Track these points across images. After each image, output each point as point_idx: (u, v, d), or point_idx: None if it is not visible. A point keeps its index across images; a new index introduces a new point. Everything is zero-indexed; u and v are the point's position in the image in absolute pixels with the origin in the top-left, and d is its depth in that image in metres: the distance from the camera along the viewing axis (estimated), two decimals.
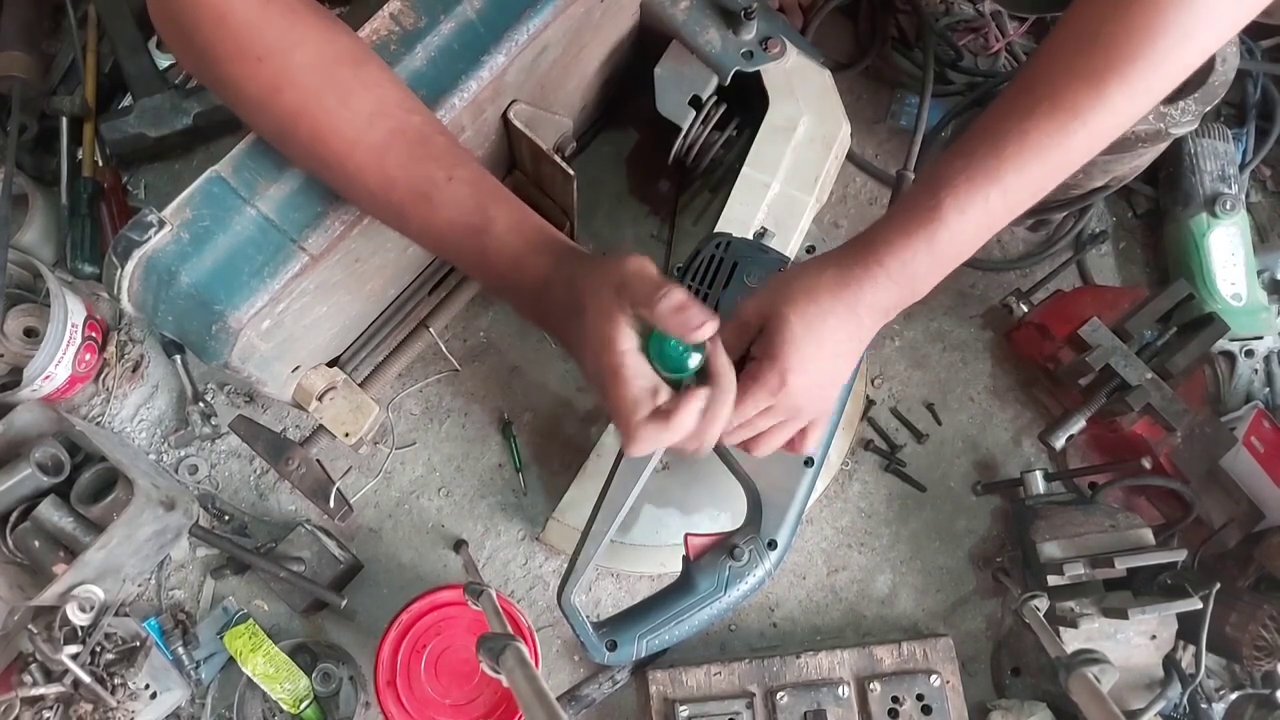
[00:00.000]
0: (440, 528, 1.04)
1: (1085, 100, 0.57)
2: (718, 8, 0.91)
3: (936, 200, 0.58)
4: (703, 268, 0.78)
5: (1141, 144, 0.94)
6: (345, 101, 0.64)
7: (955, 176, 0.58)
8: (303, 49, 0.64)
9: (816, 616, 1.04)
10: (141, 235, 0.69)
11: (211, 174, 0.71)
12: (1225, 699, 1.00)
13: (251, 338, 0.73)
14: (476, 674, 0.89)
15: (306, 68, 0.64)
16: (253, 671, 0.92)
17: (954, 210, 0.58)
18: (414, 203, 0.65)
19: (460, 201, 0.65)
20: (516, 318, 1.09)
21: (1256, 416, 1.02)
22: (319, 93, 0.64)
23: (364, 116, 0.64)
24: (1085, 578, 0.91)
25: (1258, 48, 1.17)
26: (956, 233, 0.59)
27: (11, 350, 0.99)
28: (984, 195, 0.57)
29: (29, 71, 1.04)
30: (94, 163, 1.07)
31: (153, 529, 0.93)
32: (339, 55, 0.65)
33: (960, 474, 1.08)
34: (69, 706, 0.89)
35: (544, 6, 0.77)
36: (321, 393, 0.90)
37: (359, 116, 0.64)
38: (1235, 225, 1.08)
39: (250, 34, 0.63)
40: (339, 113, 0.64)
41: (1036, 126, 0.57)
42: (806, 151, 0.93)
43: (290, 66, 0.63)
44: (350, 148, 0.64)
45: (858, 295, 0.61)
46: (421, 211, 0.65)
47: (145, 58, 1.08)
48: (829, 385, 0.65)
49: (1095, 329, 0.97)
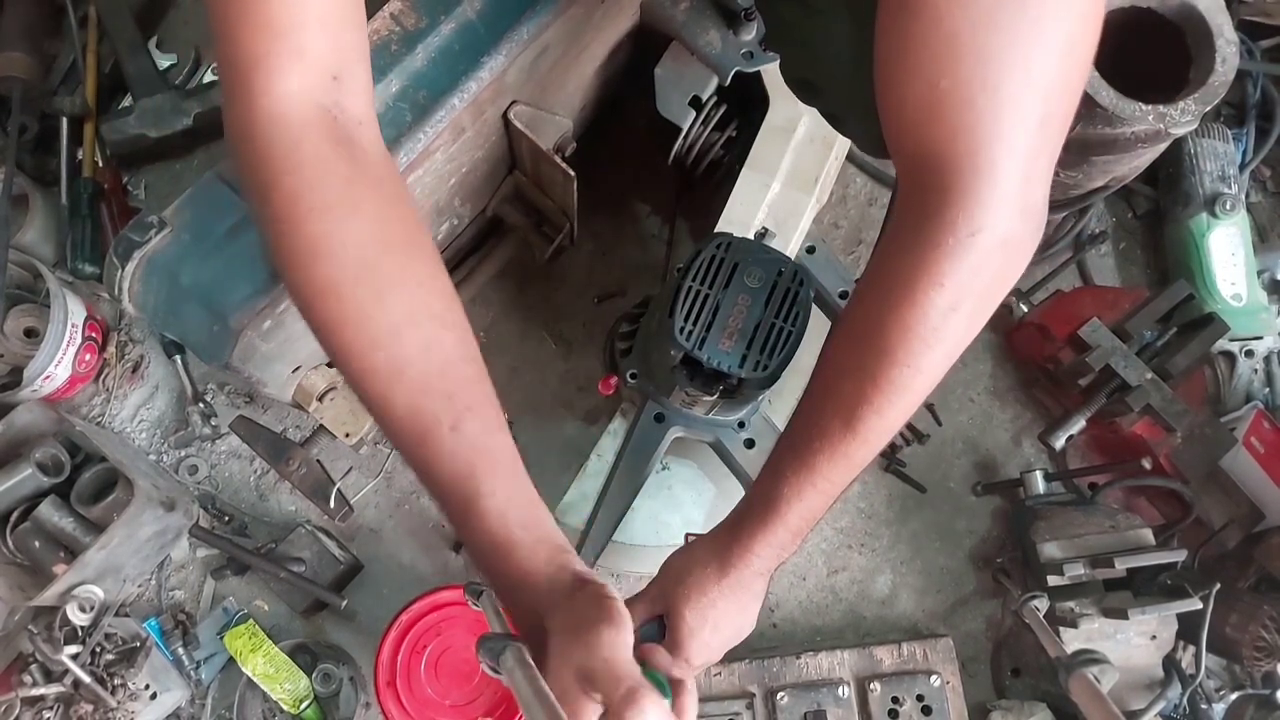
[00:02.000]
0: (440, 528, 1.04)
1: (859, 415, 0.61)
2: (718, 8, 0.91)
3: (778, 493, 0.64)
4: (703, 268, 0.78)
5: (1141, 144, 0.94)
6: (380, 297, 0.56)
7: (785, 471, 0.64)
8: (357, 218, 0.56)
9: (816, 617, 1.04)
10: (142, 236, 0.69)
11: (212, 174, 0.71)
12: (1225, 699, 1.00)
13: (252, 338, 0.73)
14: (476, 674, 0.89)
15: (351, 243, 0.56)
16: (253, 672, 0.92)
17: (794, 499, 0.64)
18: (409, 435, 0.58)
19: (456, 459, 0.58)
20: (516, 318, 1.09)
21: (1256, 417, 1.02)
22: (355, 278, 0.56)
23: (393, 322, 0.56)
24: (1085, 578, 0.91)
25: (1257, 48, 1.16)
26: (804, 510, 0.65)
27: (11, 350, 0.99)
28: (811, 484, 0.63)
29: (30, 72, 1.04)
30: (94, 163, 1.07)
31: (153, 529, 0.93)
32: (390, 236, 0.57)
33: (960, 474, 1.08)
34: (69, 706, 0.89)
35: (544, 7, 0.77)
36: (322, 393, 0.90)
37: (388, 319, 0.56)
38: (1235, 225, 1.08)
39: (311, 180, 0.55)
40: (369, 308, 0.56)
41: (830, 433, 0.62)
42: (806, 151, 0.93)
43: (337, 232, 0.55)
44: (368, 349, 0.57)
45: (739, 577, 0.67)
46: (413, 447, 0.59)
47: (145, 58, 1.08)
48: (735, 639, 0.70)
49: (1095, 329, 0.97)
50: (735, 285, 0.78)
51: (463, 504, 0.59)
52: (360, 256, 0.56)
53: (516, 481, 0.61)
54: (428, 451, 0.58)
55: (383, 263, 0.57)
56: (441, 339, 0.58)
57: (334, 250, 0.55)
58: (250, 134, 0.55)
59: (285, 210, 0.55)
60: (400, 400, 0.57)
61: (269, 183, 0.55)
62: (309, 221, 0.55)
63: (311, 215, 0.55)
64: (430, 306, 0.58)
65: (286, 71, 0.53)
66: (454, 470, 0.58)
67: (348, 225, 0.56)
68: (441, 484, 0.59)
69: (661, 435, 0.81)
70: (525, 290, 1.10)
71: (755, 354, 0.76)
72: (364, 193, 0.57)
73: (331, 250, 0.55)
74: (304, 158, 0.55)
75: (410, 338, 0.57)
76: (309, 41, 0.54)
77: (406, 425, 0.58)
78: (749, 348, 0.76)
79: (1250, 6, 1.15)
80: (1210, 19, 0.95)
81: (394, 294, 0.57)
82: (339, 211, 0.56)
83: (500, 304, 1.09)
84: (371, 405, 0.59)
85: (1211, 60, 0.93)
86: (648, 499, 0.97)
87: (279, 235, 0.56)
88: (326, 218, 0.55)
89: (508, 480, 0.60)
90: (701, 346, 0.76)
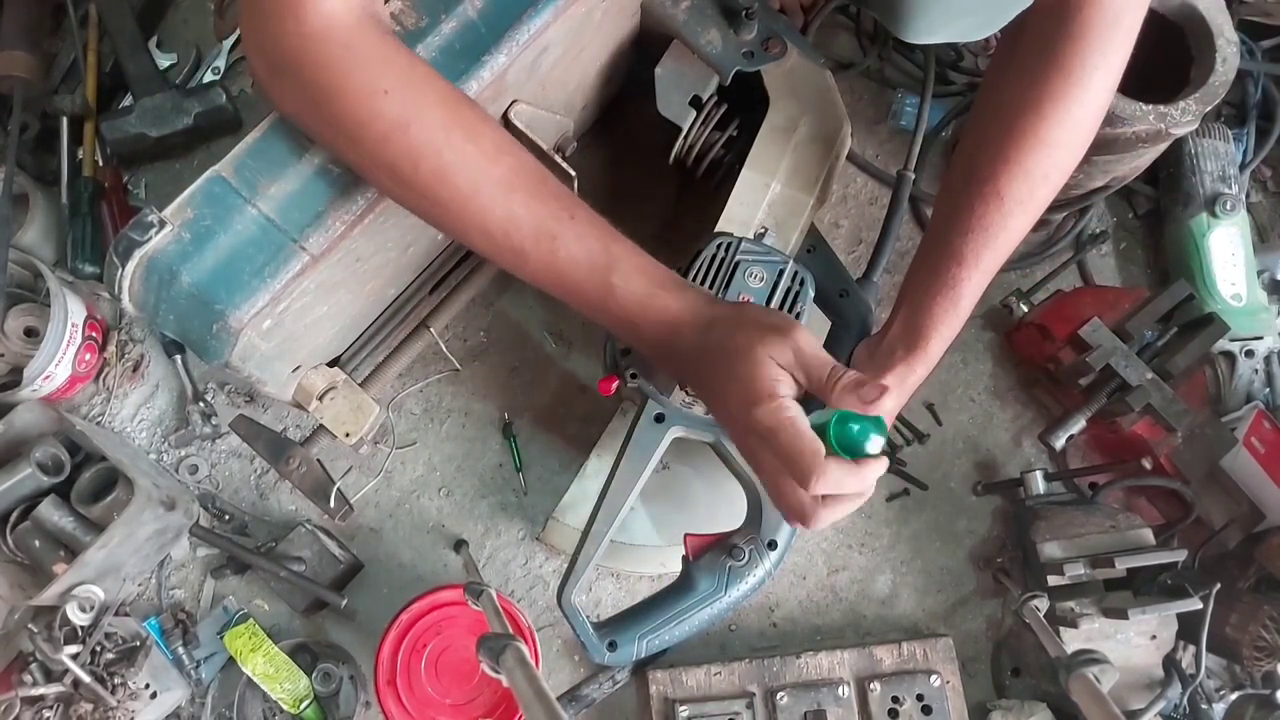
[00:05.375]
0: (440, 528, 1.04)
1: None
2: (719, 7, 0.91)
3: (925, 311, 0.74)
4: (704, 268, 0.78)
5: (1141, 144, 0.94)
6: (472, 137, 0.63)
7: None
8: (429, 82, 0.63)
9: (817, 616, 1.04)
10: (142, 235, 0.69)
11: (212, 174, 0.71)
12: (1225, 699, 1.00)
13: (252, 337, 0.73)
14: (476, 674, 0.89)
15: (433, 103, 0.62)
16: (253, 671, 0.92)
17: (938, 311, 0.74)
18: (537, 242, 0.64)
19: (585, 240, 0.64)
20: (516, 318, 1.09)
21: (1256, 417, 1.02)
22: (447, 127, 0.62)
23: (489, 153, 0.63)
24: (1085, 578, 0.91)
25: (1258, 48, 1.16)
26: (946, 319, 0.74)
27: (12, 350, 0.99)
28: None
29: (30, 71, 1.04)
30: (94, 162, 1.07)
31: (153, 529, 0.93)
32: (455, 92, 0.64)
33: (961, 474, 1.08)
34: (69, 706, 0.89)
35: (545, 7, 0.77)
36: (322, 392, 0.90)
37: (484, 153, 0.63)
38: (1235, 225, 1.08)
39: (379, 66, 0.61)
40: (465, 149, 0.62)
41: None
42: (806, 151, 0.93)
43: (419, 101, 0.62)
44: (475, 187, 0.63)
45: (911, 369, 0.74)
46: (544, 250, 0.64)
47: (146, 57, 1.08)
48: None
49: (1095, 329, 0.97)
50: (735, 285, 0.78)
51: (604, 276, 0.64)
52: (444, 114, 0.62)
53: (638, 248, 0.67)
54: (559, 245, 0.64)
55: (462, 111, 0.63)
56: (527, 157, 0.65)
57: (420, 115, 0.61)
58: (304, 50, 0.60)
59: (360, 102, 0.61)
60: (521, 212, 0.63)
61: (336, 86, 0.61)
62: (387, 101, 0.61)
63: (389, 96, 0.61)
64: (506, 135, 0.66)
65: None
66: (586, 250, 0.64)
67: (423, 92, 0.62)
68: (579, 269, 0.64)
69: (661, 435, 0.80)
70: (525, 290, 1.10)
71: None
72: (422, 68, 0.63)
73: (419, 115, 0.61)
74: (363, 52, 0.61)
75: (506, 162, 0.64)
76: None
77: (532, 236, 0.64)
78: None
79: (1251, 6, 1.15)
80: (1211, 19, 0.95)
81: (481, 130, 0.63)
82: (411, 85, 0.62)
83: (500, 304, 1.09)
84: (494, 238, 0.64)
85: (1212, 60, 0.94)
86: (648, 499, 0.97)
87: (359, 129, 0.62)
88: (404, 92, 0.61)
89: (632, 246, 0.66)
90: None
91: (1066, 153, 0.72)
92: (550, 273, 0.65)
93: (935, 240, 0.76)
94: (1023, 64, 0.72)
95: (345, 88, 0.61)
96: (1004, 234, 0.72)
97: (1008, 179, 0.71)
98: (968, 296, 0.73)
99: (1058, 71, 0.69)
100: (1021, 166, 0.70)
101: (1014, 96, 0.71)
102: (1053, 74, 0.69)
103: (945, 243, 0.73)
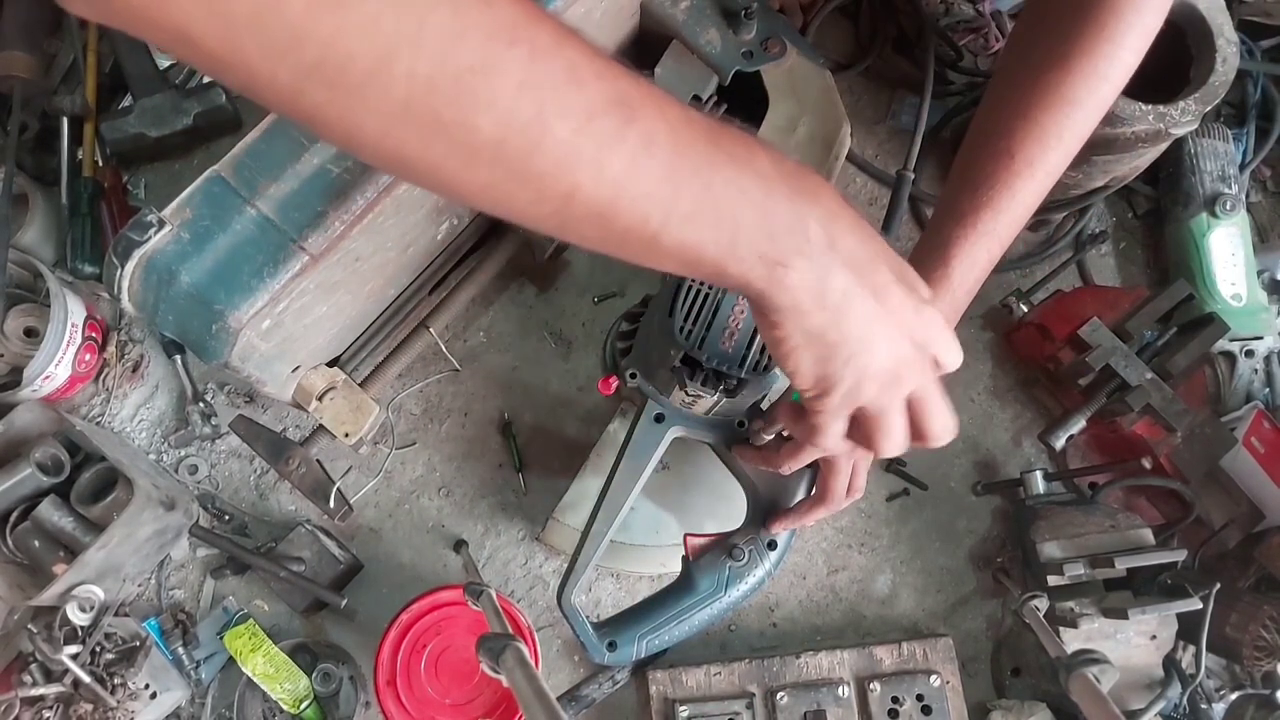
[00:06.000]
0: (440, 528, 1.04)
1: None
2: (718, 8, 0.91)
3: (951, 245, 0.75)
4: None
5: (1141, 144, 0.94)
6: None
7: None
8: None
9: (816, 616, 1.04)
10: (142, 235, 0.69)
11: (211, 174, 0.71)
12: (1225, 699, 1.00)
13: (251, 337, 0.73)
14: (476, 674, 0.89)
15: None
16: (253, 671, 0.92)
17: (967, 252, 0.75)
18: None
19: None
20: (516, 318, 1.09)
21: (1256, 417, 1.02)
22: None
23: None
24: (1085, 578, 0.91)
25: (1258, 48, 1.17)
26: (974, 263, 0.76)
27: (11, 350, 0.99)
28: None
29: (30, 71, 1.04)
30: (94, 162, 1.07)
31: (153, 529, 0.93)
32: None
33: (960, 474, 1.08)
34: (69, 706, 0.89)
35: (545, 7, 0.77)
36: (321, 393, 0.90)
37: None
38: (1235, 225, 1.08)
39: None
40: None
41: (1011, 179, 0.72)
42: (806, 151, 0.93)
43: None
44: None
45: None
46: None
47: (145, 57, 1.08)
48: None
49: (1095, 329, 0.97)
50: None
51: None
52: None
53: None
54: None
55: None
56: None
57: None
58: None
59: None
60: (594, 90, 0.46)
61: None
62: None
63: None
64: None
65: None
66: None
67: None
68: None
69: (661, 435, 0.81)
70: (525, 290, 1.10)
71: (755, 353, 0.76)
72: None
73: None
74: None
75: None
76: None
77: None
78: (749, 347, 0.76)
79: (1251, 6, 1.16)
80: (1210, 19, 0.95)
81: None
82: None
83: (500, 304, 1.09)
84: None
85: (1212, 60, 0.94)
86: (648, 499, 0.97)
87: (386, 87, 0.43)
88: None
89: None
90: (701, 346, 0.75)
91: (1084, 114, 0.71)
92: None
93: (941, 205, 0.76)
94: (1055, 20, 0.71)
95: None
96: (1010, 196, 0.71)
97: (1022, 136, 0.70)
98: (984, 261, 0.74)
99: (1092, 23, 0.69)
100: (1038, 124, 0.70)
101: (1043, 52, 0.71)
102: (1087, 27, 0.69)
103: (952, 204, 0.73)
